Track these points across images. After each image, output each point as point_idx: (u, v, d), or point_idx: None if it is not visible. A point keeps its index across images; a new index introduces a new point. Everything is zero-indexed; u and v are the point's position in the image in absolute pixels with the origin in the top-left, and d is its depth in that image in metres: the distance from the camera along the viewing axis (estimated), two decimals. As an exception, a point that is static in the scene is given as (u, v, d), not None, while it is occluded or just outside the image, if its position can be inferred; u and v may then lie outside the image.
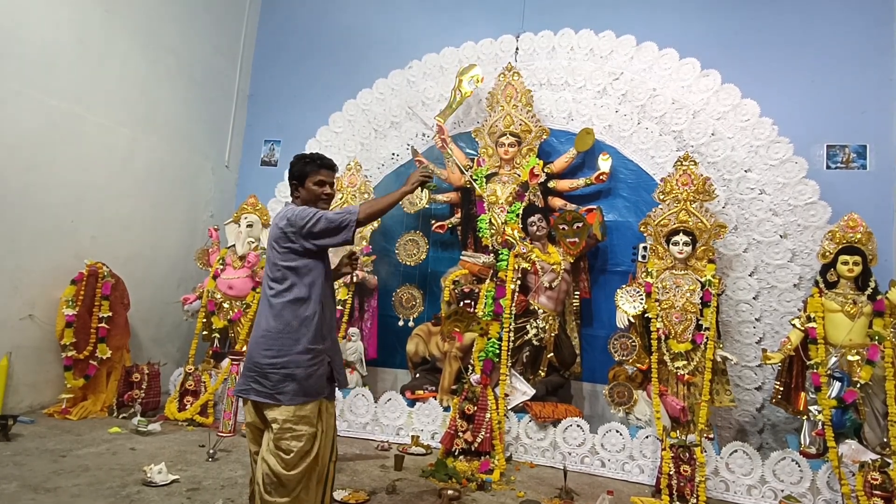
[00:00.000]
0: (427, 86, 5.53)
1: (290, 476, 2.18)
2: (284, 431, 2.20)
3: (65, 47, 4.41)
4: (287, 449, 2.19)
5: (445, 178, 5.14)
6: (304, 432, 2.22)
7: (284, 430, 2.20)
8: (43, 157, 4.28)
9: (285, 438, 2.20)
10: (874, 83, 4.74)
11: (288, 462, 2.18)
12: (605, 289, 4.77)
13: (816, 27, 4.92)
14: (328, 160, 2.45)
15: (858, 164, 4.73)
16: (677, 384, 4.00)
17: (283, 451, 2.19)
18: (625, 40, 5.04)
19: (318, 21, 6.34)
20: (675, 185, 4.24)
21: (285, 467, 2.18)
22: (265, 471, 2.20)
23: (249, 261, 4.91)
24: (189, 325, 5.21)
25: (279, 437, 2.20)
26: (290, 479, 2.18)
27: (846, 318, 3.70)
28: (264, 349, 2.25)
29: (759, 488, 3.52)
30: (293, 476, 2.18)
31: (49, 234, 4.35)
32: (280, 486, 2.18)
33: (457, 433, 3.85)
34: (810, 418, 3.67)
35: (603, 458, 3.89)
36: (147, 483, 3.01)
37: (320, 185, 2.39)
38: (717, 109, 4.73)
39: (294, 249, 2.27)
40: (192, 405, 4.39)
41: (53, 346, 4.33)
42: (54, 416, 4.15)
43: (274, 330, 2.25)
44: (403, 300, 5.12)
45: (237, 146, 6.43)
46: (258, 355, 2.25)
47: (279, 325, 2.25)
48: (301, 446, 2.20)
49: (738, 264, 4.54)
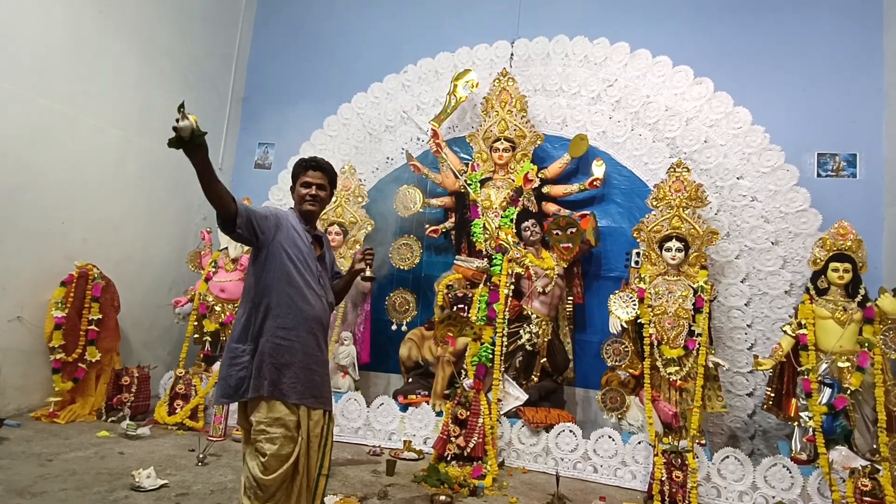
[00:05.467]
0: (422, 90, 5.54)
1: (267, 480, 2.14)
2: (259, 433, 2.17)
3: (58, 48, 4.39)
4: (262, 451, 2.16)
5: (440, 182, 5.15)
6: (278, 434, 2.16)
7: (258, 432, 2.17)
8: (34, 158, 4.24)
9: (259, 440, 2.17)
10: (864, 93, 4.80)
11: (266, 465, 2.15)
12: (598, 294, 4.78)
13: (808, 37, 4.98)
14: (315, 161, 2.40)
15: (849, 173, 4.78)
16: (669, 390, 4.01)
17: (260, 453, 2.16)
18: (619, 47, 5.08)
19: (313, 25, 6.34)
20: (668, 192, 4.27)
21: (263, 471, 2.15)
22: (246, 474, 2.19)
23: (242, 264, 4.88)
24: (180, 329, 5.17)
25: (255, 438, 2.18)
26: (267, 485, 2.14)
27: (836, 325, 3.73)
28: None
29: (751, 494, 3.53)
30: (270, 480, 2.14)
31: (39, 236, 4.31)
32: (258, 489, 2.15)
33: (449, 438, 3.84)
34: (801, 424, 3.69)
35: (595, 463, 3.89)
36: (135, 488, 2.97)
37: (305, 187, 2.37)
38: (709, 117, 4.77)
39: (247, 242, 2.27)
40: (182, 409, 4.35)
41: (42, 349, 4.28)
42: (42, 420, 4.10)
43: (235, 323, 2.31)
44: (397, 304, 5.11)
45: (231, 149, 6.41)
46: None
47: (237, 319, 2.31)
48: (276, 449, 2.15)
49: (730, 271, 4.56)
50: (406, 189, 5.12)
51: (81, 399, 4.36)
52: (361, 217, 5.07)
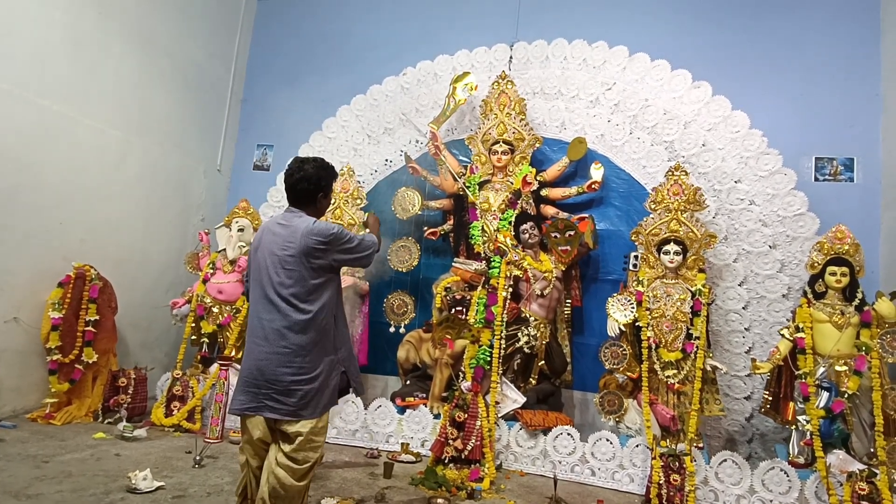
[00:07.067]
0: (421, 93, 5.54)
1: (299, 487, 2.17)
2: (306, 443, 2.18)
3: (57, 48, 4.39)
4: (304, 459, 2.17)
5: (438, 184, 5.15)
6: (321, 442, 2.24)
7: (306, 442, 2.18)
8: (33, 158, 4.23)
9: (304, 450, 2.18)
10: (862, 97, 4.82)
11: (299, 473, 2.17)
12: (596, 297, 4.78)
13: (806, 42, 5.00)
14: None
15: (846, 177, 4.79)
16: (667, 393, 4.01)
17: (300, 461, 2.16)
18: (617, 51, 5.09)
19: (312, 27, 6.35)
20: (666, 195, 4.27)
21: (296, 478, 2.16)
22: (274, 484, 2.15)
23: (240, 265, 4.87)
24: (177, 330, 5.16)
25: (298, 448, 2.17)
26: (298, 490, 2.18)
27: (834, 329, 3.73)
28: (285, 366, 2.17)
29: (748, 498, 3.53)
30: (301, 486, 2.19)
31: (37, 236, 4.30)
32: (286, 497, 2.16)
33: (447, 441, 3.83)
34: (799, 428, 3.69)
35: (593, 466, 3.88)
36: (131, 490, 2.96)
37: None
38: (707, 121, 4.78)
39: (323, 266, 2.24)
40: (179, 411, 4.34)
41: (38, 350, 4.26)
42: (38, 421, 4.08)
43: (296, 346, 2.18)
44: (395, 306, 5.10)
45: (230, 150, 6.41)
46: (277, 372, 2.17)
47: (302, 342, 2.18)
48: (316, 456, 2.21)
49: (728, 274, 4.57)
50: (405, 191, 5.12)
51: (78, 400, 4.35)
52: (360, 219, 5.07)
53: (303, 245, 2.21)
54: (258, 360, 2.21)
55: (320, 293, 2.23)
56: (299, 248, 2.21)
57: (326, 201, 2.39)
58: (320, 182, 2.33)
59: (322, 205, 2.38)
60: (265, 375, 2.19)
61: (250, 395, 2.21)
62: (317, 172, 2.32)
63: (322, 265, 2.24)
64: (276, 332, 2.19)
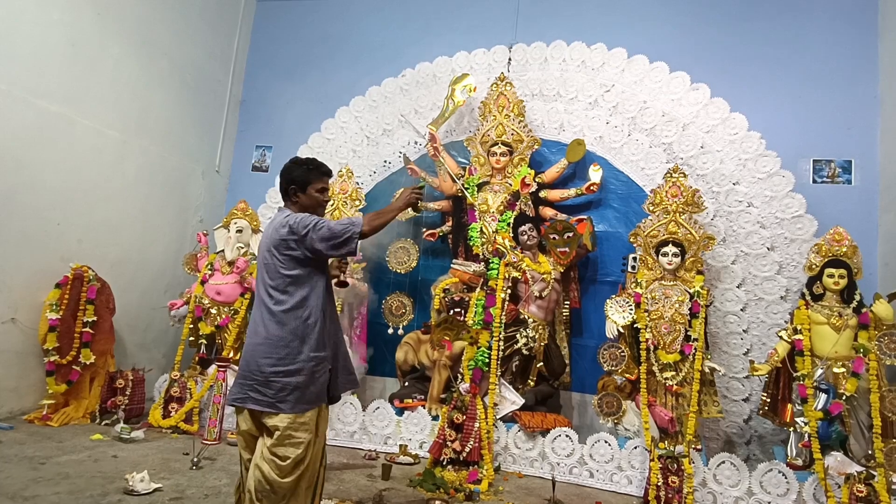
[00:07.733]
0: (420, 94, 5.55)
1: (282, 483, 2.16)
2: (284, 438, 2.18)
3: (56, 49, 4.38)
4: (284, 456, 2.17)
5: (437, 186, 5.15)
6: (303, 439, 2.21)
7: (284, 437, 2.18)
8: (31, 159, 4.23)
9: (283, 445, 2.17)
10: (860, 100, 4.83)
11: (283, 469, 2.16)
12: (594, 299, 4.78)
13: (804, 44, 5.02)
14: (329, 167, 2.47)
15: (844, 179, 4.81)
16: (666, 395, 4.02)
17: (280, 457, 2.16)
18: (616, 53, 5.10)
19: (312, 28, 6.35)
20: (664, 197, 4.28)
21: (279, 474, 2.16)
22: (258, 478, 2.17)
23: (238, 266, 4.87)
24: (175, 331, 5.14)
25: (277, 443, 2.17)
26: (282, 487, 2.16)
27: (832, 331, 3.74)
28: (265, 357, 2.22)
29: (746, 500, 3.53)
30: (286, 483, 2.17)
31: (35, 237, 4.29)
32: (272, 493, 2.16)
33: (445, 442, 3.83)
34: (797, 430, 3.69)
35: (591, 468, 3.88)
36: (129, 492, 2.95)
37: (322, 193, 2.41)
38: (706, 123, 4.79)
39: (295, 257, 2.25)
40: (176, 412, 4.33)
41: (36, 351, 4.25)
42: (35, 423, 4.07)
43: (275, 337, 2.22)
44: (393, 308, 5.10)
45: (228, 151, 6.40)
46: (258, 363, 2.22)
47: (281, 333, 2.22)
48: (298, 453, 2.18)
49: (726, 276, 4.58)
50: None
51: (75, 402, 4.33)
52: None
53: (275, 238, 2.27)
54: (246, 351, 2.31)
55: (298, 285, 2.26)
56: (273, 240, 2.28)
57: (306, 197, 2.37)
58: (290, 174, 2.38)
59: (301, 199, 2.37)
60: (249, 366, 2.25)
61: (238, 387, 2.27)
62: (289, 168, 2.40)
63: (295, 256, 2.25)
64: (260, 323, 2.27)
